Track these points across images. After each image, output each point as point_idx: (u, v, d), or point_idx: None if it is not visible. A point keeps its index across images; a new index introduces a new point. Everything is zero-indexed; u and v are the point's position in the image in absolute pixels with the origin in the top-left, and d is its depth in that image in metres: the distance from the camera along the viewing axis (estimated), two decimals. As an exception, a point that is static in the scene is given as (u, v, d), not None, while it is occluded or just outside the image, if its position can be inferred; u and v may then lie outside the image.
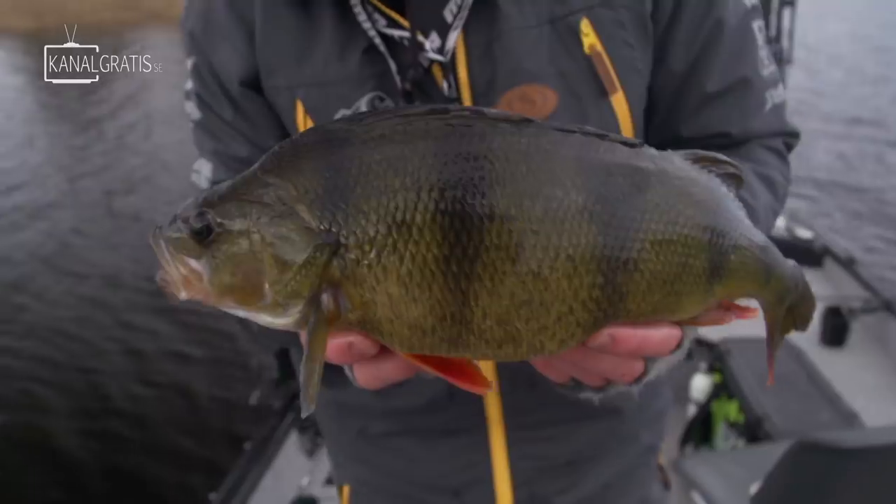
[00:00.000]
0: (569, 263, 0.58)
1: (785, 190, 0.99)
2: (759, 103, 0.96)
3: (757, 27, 0.96)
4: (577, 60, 0.87)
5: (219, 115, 0.98)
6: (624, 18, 0.89)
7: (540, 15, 0.87)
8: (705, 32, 0.92)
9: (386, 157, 0.56)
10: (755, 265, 0.67)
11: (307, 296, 0.58)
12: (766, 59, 0.97)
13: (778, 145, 1.01)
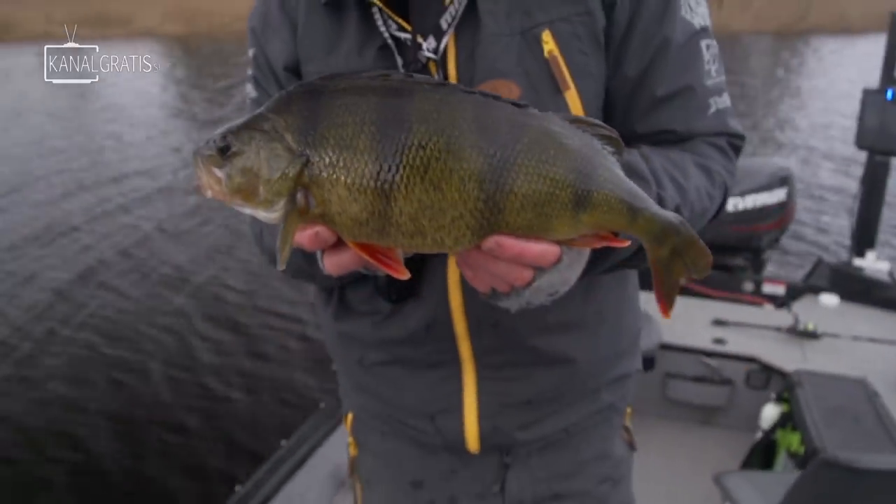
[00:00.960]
0: (459, 181, 0.80)
1: (724, 179, 1.14)
2: (702, 107, 1.12)
3: (704, 45, 1.13)
4: (538, 62, 1.06)
5: (268, 92, 1.21)
6: (579, 31, 1.07)
7: (512, 27, 1.06)
8: (654, 46, 1.09)
9: (344, 103, 0.82)
10: (618, 203, 0.85)
11: (286, 195, 0.82)
12: (712, 72, 1.14)
13: (721, 143, 1.16)
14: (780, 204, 3.96)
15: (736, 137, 1.20)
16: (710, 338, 3.58)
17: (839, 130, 11.06)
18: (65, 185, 9.28)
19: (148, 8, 38.18)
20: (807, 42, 29.24)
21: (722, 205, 1.19)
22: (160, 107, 14.72)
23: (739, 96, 14.88)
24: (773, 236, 4.06)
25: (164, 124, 12.88)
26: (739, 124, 1.21)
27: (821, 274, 4.16)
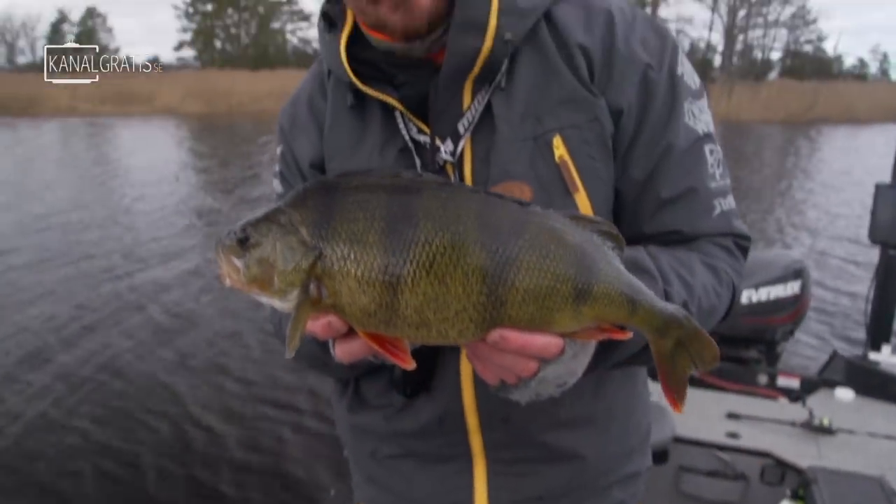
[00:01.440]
0: (463, 276, 0.84)
1: (731, 278, 1.17)
2: (707, 208, 1.17)
3: (708, 150, 1.18)
4: (549, 166, 1.10)
5: (293, 187, 1.22)
6: (588, 137, 1.12)
7: (525, 132, 1.11)
8: (659, 151, 1.14)
9: (356, 200, 0.86)
10: (618, 296, 0.88)
11: (300, 286, 0.86)
12: (716, 175, 1.18)
13: (727, 244, 1.20)
14: (795, 297, 3.96)
15: (742, 238, 1.23)
16: (724, 431, 3.53)
17: (851, 220, 11.14)
18: (68, 261, 9.27)
19: (169, 87, 39.21)
20: (815, 131, 29.60)
21: (731, 304, 1.21)
22: (171, 185, 14.86)
23: (749, 185, 15.02)
24: (788, 329, 4.04)
25: (174, 204, 12.85)
26: (745, 226, 1.24)
27: (836, 367, 4.12)
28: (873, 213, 4.06)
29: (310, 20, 56.92)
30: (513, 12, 1.11)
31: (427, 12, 1.08)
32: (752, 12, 47.88)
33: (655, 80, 1.16)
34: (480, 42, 1.10)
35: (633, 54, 1.16)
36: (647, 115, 1.16)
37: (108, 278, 8.52)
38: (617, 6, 1.20)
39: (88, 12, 59.18)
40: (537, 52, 1.16)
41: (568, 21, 1.18)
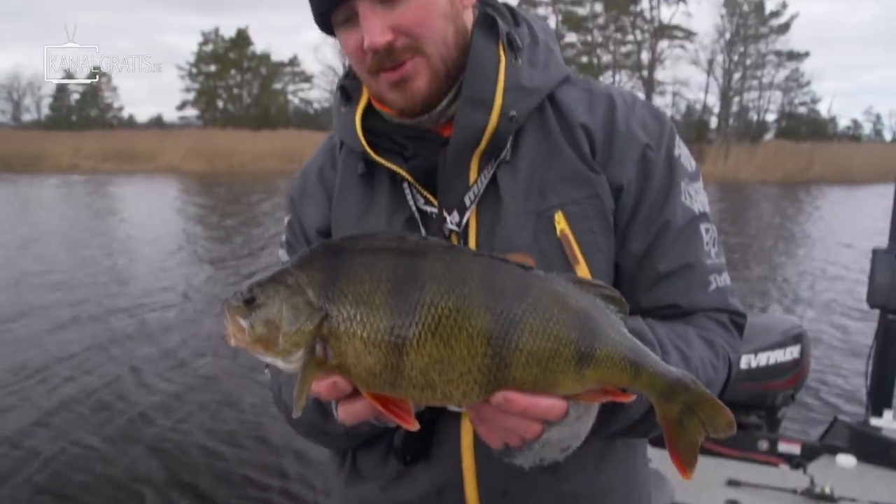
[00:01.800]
0: (467, 338, 0.86)
1: (727, 353, 1.20)
2: (703, 283, 1.20)
3: (703, 229, 1.23)
4: (551, 240, 1.15)
5: None
6: (588, 212, 1.16)
7: (528, 207, 1.16)
8: (656, 227, 1.19)
9: (362, 262, 0.88)
10: (620, 359, 0.90)
11: (305, 346, 0.87)
12: (712, 253, 1.23)
13: (723, 319, 1.23)
14: (795, 361, 3.93)
15: (738, 315, 1.26)
16: (724, 499, 3.47)
17: (849, 283, 11.13)
18: (59, 318, 9.14)
19: (171, 146, 39.67)
20: (812, 191, 29.80)
21: (727, 379, 1.23)
22: (169, 242, 14.88)
23: (747, 246, 15.08)
24: (788, 394, 4.01)
25: (168, 261, 12.79)
26: (740, 303, 1.28)
27: (837, 433, 4.08)
28: (871, 278, 4.07)
29: (311, 81, 57.90)
30: (518, 91, 1.18)
31: (423, 95, 1.15)
32: (747, 75, 48.70)
33: (654, 160, 1.21)
34: (487, 118, 1.15)
35: (633, 135, 1.21)
36: (646, 193, 1.21)
37: (98, 334, 8.46)
38: (618, 91, 1.28)
39: (93, 72, 59.99)
40: (542, 130, 1.22)
41: (571, 102, 1.24)
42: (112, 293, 10.53)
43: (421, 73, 1.15)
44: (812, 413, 6.05)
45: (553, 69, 1.25)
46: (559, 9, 51.03)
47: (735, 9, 47.28)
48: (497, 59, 1.18)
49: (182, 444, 5.66)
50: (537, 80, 1.21)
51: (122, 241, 15.11)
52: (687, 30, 48.77)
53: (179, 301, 9.91)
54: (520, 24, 1.27)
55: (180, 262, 12.63)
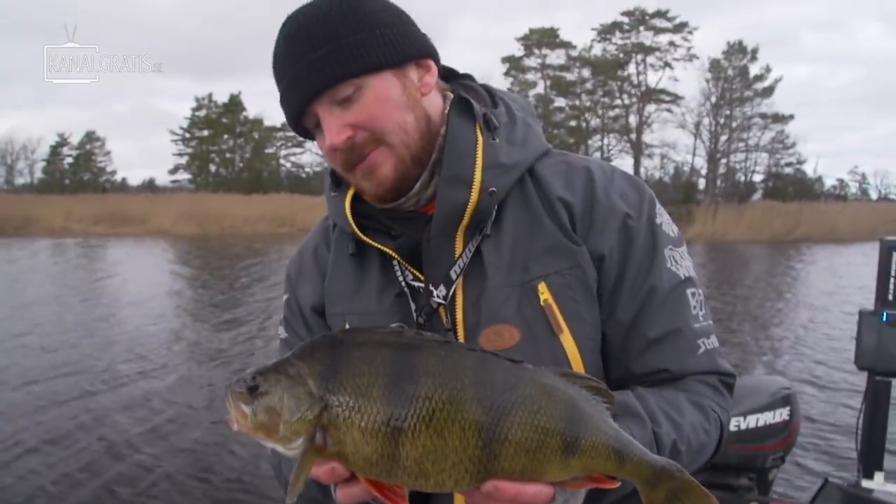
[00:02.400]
0: (460, 430, 0.90)
1: (718, 415, 1.24)
2: (692, 348, 1.24)
3: (690, 293, 1.27)
4: (535, 310, 1.19)
5: (297, 332, 1.37)
6: (570, 282, 1.20)
7: (512, 279, 1.20)
8: (643, 294, 1.22)
9: (361, 355, 0.93)
10: (604, 449, 0.95)
11: (304, 434, 0.91)
12: (699, 316, 1.27)
13: (713, 381, 1.27)
14: (784, 423, 3.92)
15: (727, 376, 1.30)
16: None
17: (838, 343, 11.12)
18: (33, 380, 9.03)
19: (162, 209, 39.79)
20: (799, 251, 29.91)
21: (719, 441, 1.27)
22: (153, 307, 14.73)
23: (734, 306, 15.10)
24: (779, 456, 3.98)
25: (150, 327, 12.45)
26: (729, 364, 1.31)
27: (828, 496, 4.05)
28: (858, 340, 4.08)
29: (303, 146, 58.36)
30: (496, 168, 1.23)
31: (391, 181, 1.22)
32: (733, 137, 49.35)
33: (635, 228, 1.26)
34: (467, 195, 1.21)
35: (612, 205, 1.26)
36: (629, 261, 1.25)
37: (71, 403, 8.26)
38: (596, 164, 1.33)
39: (87, 136, 60.63)
40: (523, 203, 1.27)
41: (549, 176, 1.30)
42: (91, 357, 10.41)
43: (386, 161, 1.21)
44: (803, 476, 6.00)
45: (532, 145, 1.30)
46: (548, 74, 52.03)
47: (720, 73, 48.29)
48: (474, 139, 1.24)
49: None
50: (516, 156, 1.26)
51: (107, 304, 14.90)
52: (673, 94, 49.84)
53: (156, 369, 9.76)
54: (497, 104, 1.33)
55: (162, 329, 12.47)
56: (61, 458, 6.52)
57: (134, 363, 10.06)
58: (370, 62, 1.18)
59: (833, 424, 7.42)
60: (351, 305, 1.31)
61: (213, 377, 9.40)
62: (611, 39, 50.73)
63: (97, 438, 7.06)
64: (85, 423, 7.52)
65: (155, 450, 6.74)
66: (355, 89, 1.18)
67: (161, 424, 7.48)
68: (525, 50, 52.39)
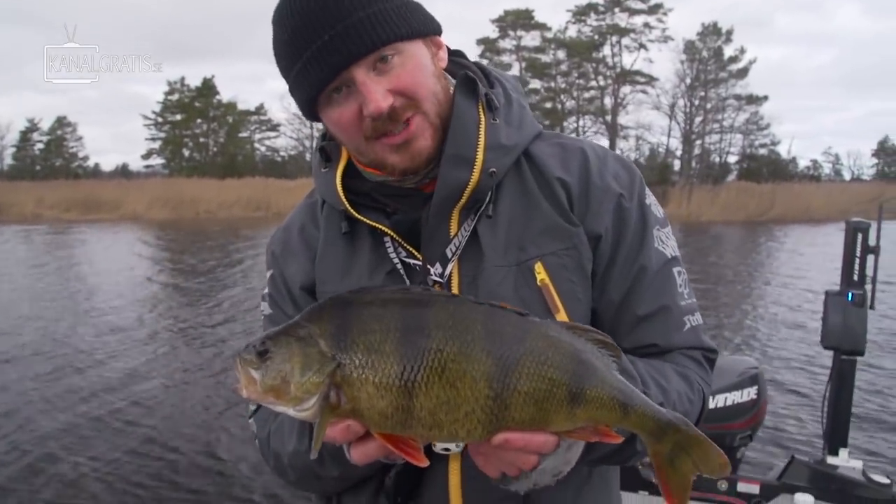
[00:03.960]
0: (471, 380, 0.94)
1: (701, 386, 1.29)
2: (678, 324, 1.29)
3: (676, 272, 1.32)
4: (532, 289, 1.21)
5: (283, 310, 1.36)
6: (566, 263, 1.24)
7: (509, 259, 1.23)
8: (633, 274, 1.27)
9: (371, 313, 0.95)
10: (609, 400, 0.97)
11: (318, 394, 0.93)
12: (685, 294, 1.32)
13: (697, 356, 1.32)
14: (752, 402, 3.98)
15: (710, 351, 1.36)
16: None
17: (807, 323, 11.27)
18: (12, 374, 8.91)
19: (136, 194, 39.37)
20: (773, 231, 30.22)
21: (701, 411, 1.31)
22: (131, 296, 14.62)
23: (707, 287, 15.24)
24: (746, 434, 4.04)
25: (110, 315, 12.42)
26: (711, 339, 1.37)
27: (795, 472, 4.13)
28: (824, 320, 4.15)
29: (277, 130, 58.05)
30: (497, 149, 1.25)
31: (426, 154, 1.22)
32: (708, 118, 49.66)
33: (628, 209, 1.30)
34: (468, 175, 1.22)
35: (607, 187, 1.30)
36: (622, 240, 1.29)
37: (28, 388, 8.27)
38: (588, 145, 1.37)
39: (58, 121, 59.78)
40: (519, 185, 1.30)
41: (546, 158, 1.32)
42: (61, 343, 10.39)
43: (424, 131, 1.21)
44: (770, 453, 6.11)
45: (527, 126, 1.32)
46: (523, 56, 51.94)
47: (695, 55, 48.46)
48: (478, 119, 1.25)
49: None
50: (514, 137, 1.28)
51: (72, 294, 14.83)
52: (648, 75, 49.94)
53: (128, 349, 9.80)
54: (493, 84, 1.34)
55: (121, 320, 12.27)
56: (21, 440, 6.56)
57: (93, 354, 9.97)
58: (410, 29, 1.18)
59: (800, 403, 7.56)
60: (342, 284, 1.29)
61: (192, 359, 9.51)
62: (586, 21, 50.78)
63: (62, 428, 7.05)
64: (44, 409, 7.52)
65: (126, 440, 6.72)
66: (394, 54, 1.17)
67: (125, 412, 7.46)
68: (500, 32, 52.34)
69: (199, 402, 7.73)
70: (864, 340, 4.11)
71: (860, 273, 4.18)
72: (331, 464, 1.18)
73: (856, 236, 4.16)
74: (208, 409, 7.45)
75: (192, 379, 8.66)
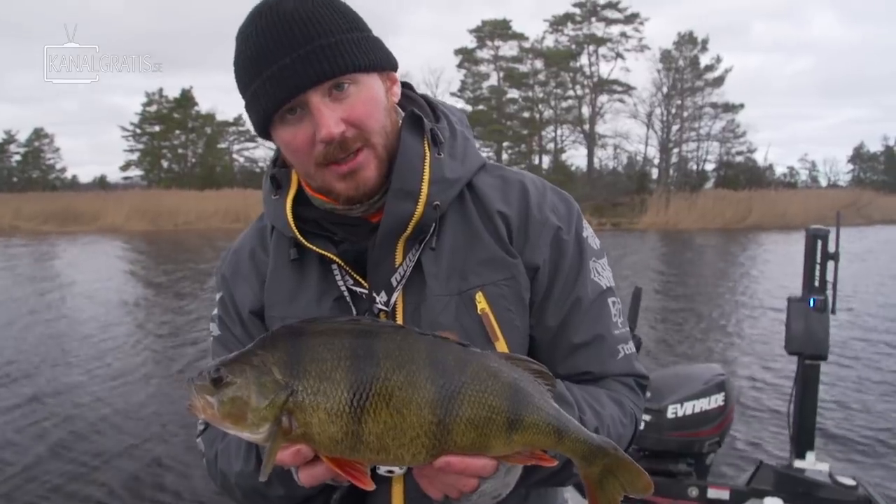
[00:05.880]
0: (416, 407, 0.98)
1: (633, 412, 1.34)
2: (612, 352, 1.35)
3: (611, 302, 1.38)
4: (472, 318, 1.26)
5: (232, 332, 1.39)
6: (505, 293, 1.29)
7: (451, 288, 1.27)
8: (569, 304, 1.32)
9: (322, 342, 0.99)
10: (545, 425, 1.03)
11: (272, 420, 0.97)
12: (618, 324, 1.38)
13: (630, 382, 1.38)
14: (719, 409, 4.06)
15: (642, 378, 1.42)
16: None
17: (775, 329, 11.31)
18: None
19: (114, 206, 39.04)
20: (749, 238, 30.43)
21: (633, 434, 1.35)
22: (105, 307, 14.63)
23: (683, 294, 15.37)
24: (715, 440, 4.13)
25: (106, 336, 11.99)
26: (643, 367, 1.43)
27: (763, 477, 4.20)
28: (787, 326, 4.23)
29: (256, 140, 57.68)
30: (441, 182, 1.29)
31: (372, 183, 1.26)
32: (685, 127, 50.12)
33: (566, 241, 1.35)
34: (413, 208, 1.25)
35: (545, 219, 1.35)
36: (559, 272, 1.34)
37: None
38: (529, 178, 1.42)
39: (35, 132, 59.27)
40: (462, 216, 1.34)
41: (488, 190, 1.37)
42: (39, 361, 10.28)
43: (370, 163, 1.24)
44: (739, 458, 6.18)
45: (470, 159, 1.36)
46: (501, 66, 52.16)
47: (671, 64, 48.95)
48: (423, 154, 1.29)
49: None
50: (458, 171, 1.32)
51: (51, 309, 14.66)
52: (626, 84, 50.41)
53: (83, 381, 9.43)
54: (439, 118, 1.39)
55: (119, 327, 12.38)
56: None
57: (83, 365, 9.94)
58: (368, 61, 1.22)
59: (767, 408, 7.64)
60: (290, 310, 1.32)
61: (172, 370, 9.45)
62: (563, 31, 51.20)
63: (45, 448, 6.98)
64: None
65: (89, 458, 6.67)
66: (350, 83, 1.20)
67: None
68: (478, 42, 52.54)
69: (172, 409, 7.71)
70: (827, 345, 4.20)
71: (821, 279, 4.26)
72: (278, 485, 1.22)
73: (815, 243, 4.25)
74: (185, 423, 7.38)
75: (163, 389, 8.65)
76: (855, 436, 7.10)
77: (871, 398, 8.30)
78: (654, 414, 3.94)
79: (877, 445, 6.88)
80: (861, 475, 4.47)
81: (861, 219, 37.49)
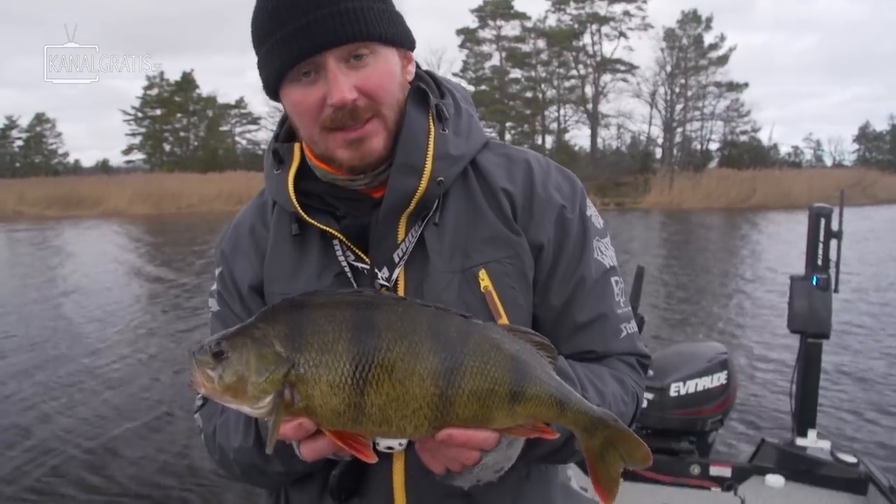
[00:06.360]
0: (418, 378, 0.98)
1: (635, 390, 1.35)
2: (616, 332, 1.35)
3: (614, 281, 1.38)
4: (475, 295, 1.25)
5: (231, 308, 1.38)
6: (509, 270, 1.28)
7: (454, 265, 1.26)
8: (574, 282, 1.32)
9: (324, 314, 0.99)
10: (547, 397, 1.03)
11: (273, 393, 0.97)
12: (621, 303, 1.38)
13: (631, 361, 1.38)
14: (722, 387, 4.06)
15: (644, 357, 1.42)
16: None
17: (779, 307, 11.34)
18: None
19: (117, 190, 38.99)
20: (754, 217, 30.38)
21: (635, 413, 1.35)
22: (111, 290, 14.70)
23: (687, 273, 15.37)
24: (717, 419, 4.13)
25: (108, 320, 12.02)
26: (644, 346, 1.43)
27: (765, 455, 4.21)
28: (790, 304, 4.22)
29: (258, 123, 57.77)
30: (445, 158, 1.29)
31: (378, 154, 1.25)
32: (689, 106, 49.95)
33: (570, 220, 1.35)
34: (417, 183, 1.25)
35: (550, 198, 1.35)
36: (563, 250, 1.34)
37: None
38: (533, 156, 1.41)
39: (37, 118, 59.23)
40: (465, 193, 1.33)
41: (492, 168, 1.36)
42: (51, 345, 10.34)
43: (378, 133, 1.24)
44: (741, 436, 6.21)
45: (474, 136, 1.36)
46: (503, 46, 51.89)
47: (674, 42, 48.66)
48: (428, 130, 1.29)
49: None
50: (462, 147, 1.32)
51: (55, 293, 14.76)
52: (629, 63, 50.09)
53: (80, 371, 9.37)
54: (444, 94, 1.38)
55: (99, 326, 12.05)
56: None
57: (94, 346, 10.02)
58: (390, 34, 1.22)
59: (769, 386, 7.66)
60: (290, 285, 1.31)
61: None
62: (565, 10, 50.83)
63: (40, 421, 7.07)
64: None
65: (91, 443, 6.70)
66: (370, 53, 1.20)
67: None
68: (480, 21, 52.30)
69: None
70: (830, 323, 4.19)
71: (824, 257, 4.24)
72: (277, 460, 1.21)
73: (819, 221, 4.23)
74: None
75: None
76: (856, 414, 7.13)
77: (873, 377, 8.33)
78: (656, 392, 3.94)
79: (878, 423, 6.90)
80: (862, 452, 4.47)
81: (866, 198, 37.32)
